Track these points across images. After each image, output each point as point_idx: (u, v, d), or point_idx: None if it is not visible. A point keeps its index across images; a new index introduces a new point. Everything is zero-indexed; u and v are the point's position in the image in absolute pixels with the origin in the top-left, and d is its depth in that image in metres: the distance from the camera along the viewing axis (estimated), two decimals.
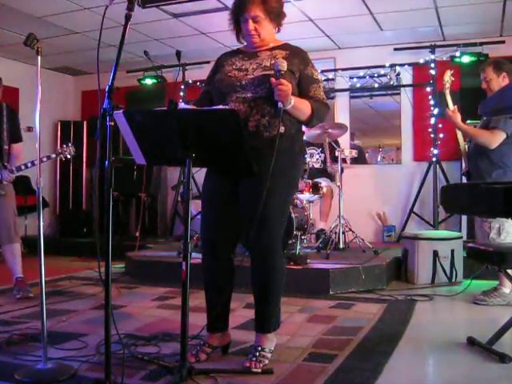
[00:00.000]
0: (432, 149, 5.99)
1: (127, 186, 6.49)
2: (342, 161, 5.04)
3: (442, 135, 5.98)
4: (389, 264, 4.43)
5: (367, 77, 6.41)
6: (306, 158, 4.95)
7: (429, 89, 6.07)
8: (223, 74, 2.42)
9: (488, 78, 3.59)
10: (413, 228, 5.94)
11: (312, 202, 5.06)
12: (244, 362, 2.31)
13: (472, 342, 2.62)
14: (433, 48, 5.99)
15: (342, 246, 4.91)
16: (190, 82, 6.96)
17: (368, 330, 2.97)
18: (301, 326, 3.06)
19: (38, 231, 2.31)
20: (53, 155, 3.87)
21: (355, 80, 6.47)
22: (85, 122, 7.54)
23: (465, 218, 5.48)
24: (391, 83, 6.35)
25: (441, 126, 5.94)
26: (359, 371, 2.26)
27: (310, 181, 4.94)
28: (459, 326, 3.21)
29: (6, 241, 3.89)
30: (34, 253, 2.45)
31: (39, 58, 2.32)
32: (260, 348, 2.37)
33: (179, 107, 2.04)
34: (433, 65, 6.01)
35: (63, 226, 7.27)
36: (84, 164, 7.45)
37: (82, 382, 2.12)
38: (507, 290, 3.55)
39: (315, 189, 4.96)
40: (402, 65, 6.24)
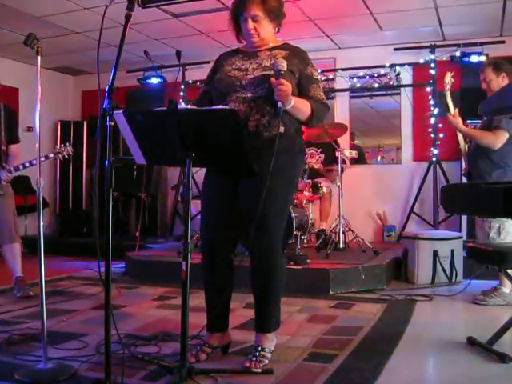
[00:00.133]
0: (432, 149, 5.98)
1: (127, 186, 6.49)
2: (341, 161, 5.05)
3: (441, 135, 5.97)
4: (389, 264, 4.43)
5: (367, 77, 6.41)
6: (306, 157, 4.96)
7: (429, 89, 6.06)
8: (223, 73, 2.42)
9: (488, 78, 3.59)
10: (413, 228, 5.94)
11: (312, 201, 5.07)
12: (244, 361, 2.31)
13: (472, 342, 2.62)
14: (433, 48, 5.99)
15: (342, 246, 4.92)
16: (190, 81, 6.96)
17: (368, 329, 2.97)
18: (301, 326, 3.06)
19: (38, 231, 2.31)
20: (51, 155, 3.87)
21: (355, 80, 6.46)
22: (85, 122, 7.53)
23: (465, 217, 5.47)
24: (391, 83, 6.34)
25: (441, 125, 5.93)
26: (359, 371, 2.26)
27: (310, 181, 4.95)
28: (459, 326, 3.21)
29: (6, 240, 3.89)
30: (33, 253, 2.45)
31: (39, 58, 2.32)
32: (260, 348, 2.37)
33: (179, 107, 2.03)
34: (433, 65, 6.01)
35: (63, 225, 7.26)
36: (84, 164, 7.44)
37: (82, 382, 2.12)
38: (507, 289, 3.56)
39: (315, 189, 4.96)
40: (402, 65, 6.24)
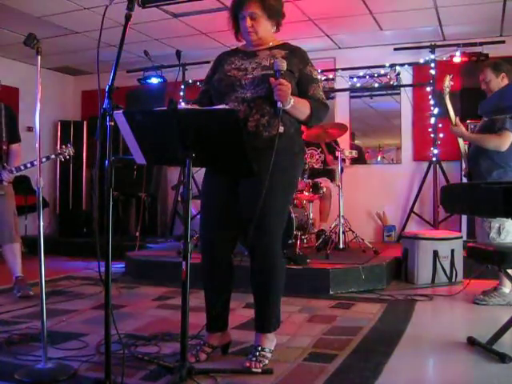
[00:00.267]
0: (432, 149, 5.98)
1: (127, 186, 6.48)
2: (342, 161, 5.05)
3: (441, 135, 5.96)
4: (389, 264, 4.43)
5: (367, 77, 6.40)
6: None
7: (429, 89, 6.06)
8: (222, 73, 2.42)
9: (487, 79, 3.59)
10: (413, 228, 5.94)
11: (312, 201, 5.06)
12: (244, 361, 2.31)
13: (472, 342, 2.62)
14: (433, 48, 5.98)
15: (342, 246, 4.92)
16: (190, 81, 6.96)
17: (368, 329, 2.97)
18: (301, 326, 3.06)
19: (38, 231, 2.31)
20: (52, 156, 3.87)
21: (355, 80, 6.46)
22: (85, 122, 7.52)
23: (465, 217, 5.47)
24: (391, 83, 6.34)
25: (441, 125, 5.93)
26: (359, 371, 2.26)
27: (310, 181, 4.95)
28: (459, 325, 3.21)
29: (6, 240, 3.89)
30: (33, 253, 2.45)
31: (39, 58, 2.32)
32: (260, 348, 2.37)
33: (179, 107, 2.03)
34: (433, 65, 6.00)
35: (63, 225, 7.26)
36: (84, 164, 7.43)
37: (82, 382, 2.12)
38: (507, 289, 3.56)
39: (315, 189, 4.96)
40: (402, 65, 6.23)
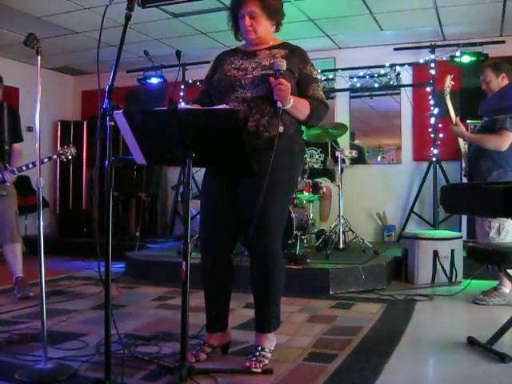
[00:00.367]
0: (432, 149, 5.98)
1: (127, 186, 6.48)
2: (341, 161, 5.05)
3: (441, 135, 5.96)
4: (389, 264, 4.43)
5: (367, 77, 6.40)
6: (306, 157, 4.95)
7: (429, 89, 6.06)
8: (222, 73, 2.42)
9: (487, 79, 3.59)
10: (413, 228, 5.94)
11: (312, 202, 5.06)
12: (244, 361, 2.31)
13: (472, 342, 2.62)
14: (433, 48, 5.98)
15: (342, 246, 4.91)
16: (190, 81, 6.95)
17: (368, 329, 2.97)
18: (301, 326, 3.06)
19: (38, 231, 2.31)
20: (54, 156, 3.86)
21: (355, 80, 6.45)
22: (85, 122, 7.53)
23: (465, 217, 5.47)
24: (391, 83, 6.34)
25: (441, 125, 5.93)
26: (359, 371, 2.26)
27: (310, 181, 4.94)
28: (459, 325, 3.21)
29: (8, 241, 3.89)
30: (33, 253, 2.45)
31: (39, 58, 2.32)
32: (260, 348, 2.37)
33: (179, 107, 2.03)
34: (433, 65, 6.00)
35: (63, 225, 7.26)
36: (84, 164, 7.43)
37: (82, 382, 2.12)
38: (507, 289, 3.56)
39: (315, 189, 4.96)
40: (402, 65, 6.23)
